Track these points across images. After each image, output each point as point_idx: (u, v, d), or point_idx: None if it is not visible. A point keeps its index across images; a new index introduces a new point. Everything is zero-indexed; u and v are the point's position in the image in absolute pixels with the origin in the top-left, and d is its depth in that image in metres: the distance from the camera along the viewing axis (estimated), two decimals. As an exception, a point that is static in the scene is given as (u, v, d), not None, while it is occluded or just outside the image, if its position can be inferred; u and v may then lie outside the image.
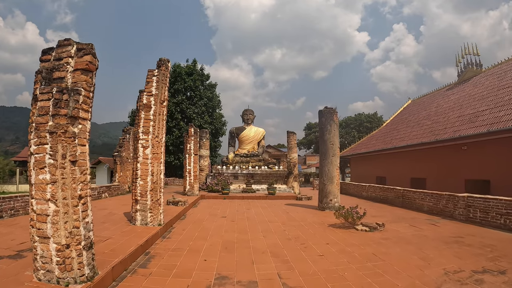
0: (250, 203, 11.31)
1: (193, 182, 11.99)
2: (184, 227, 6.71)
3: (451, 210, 8.43)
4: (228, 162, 16.14)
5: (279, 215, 8.46)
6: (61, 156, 3.04)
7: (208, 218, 7.92)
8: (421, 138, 13.62)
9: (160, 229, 5.74)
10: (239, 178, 15.10)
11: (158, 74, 6.00)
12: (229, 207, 10.01)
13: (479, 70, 16.27)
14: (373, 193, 12.89)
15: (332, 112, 9.54)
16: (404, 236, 6.02)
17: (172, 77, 27.16)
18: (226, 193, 12.92)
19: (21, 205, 7.08)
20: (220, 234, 6.01)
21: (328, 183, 9.29)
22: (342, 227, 6.78)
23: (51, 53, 3.50)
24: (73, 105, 3.12)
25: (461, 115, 12.93)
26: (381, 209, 10.02)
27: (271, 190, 13.04)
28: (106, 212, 7.77)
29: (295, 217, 8.14)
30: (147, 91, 5.92)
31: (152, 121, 5.81)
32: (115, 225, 5.99)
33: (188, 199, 10.62)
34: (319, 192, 9.58)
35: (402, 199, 10.75)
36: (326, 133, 9.40)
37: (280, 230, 6.43)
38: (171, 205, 8.86)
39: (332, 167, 9.33)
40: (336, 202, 9.36)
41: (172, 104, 26.18)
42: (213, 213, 8.69)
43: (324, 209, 9.29)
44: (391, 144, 15.81)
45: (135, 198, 5.82)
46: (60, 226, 3.08)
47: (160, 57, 6.19)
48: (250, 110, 18.08)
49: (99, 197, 10.73)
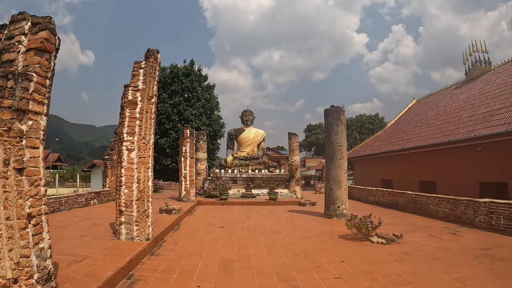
0: (250, 209, 10.54)
1: (189, 187, 11.21)
2: (177, 239, 5.95)
3: (470, 217, 7.73)
4: (227, 165, 15.35)
5: (283, 224, 7.70)
6: (2, 162, 2.28)
7: (204, 228, 7.14)
8: (431, 139, 12.91)
9: (148, 245, 4.97)
10: (238, 182, 14.33)
11: (146, 67, 5.26)
12: (228, 215, 9.25)
13: (488, 68, 15.62)
14: (381, 197, 12.15)
15: (339, 111, 8.82)
16: (426, 249, 5.29)
17: (169, 78, 26.51)
18: (225, 198, 12.15)
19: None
20: (217, 249, 5.24)
21: (336, 188, 8.54)
22: (355, 239, 6.03)
23: (3, 31, 2.76)
24: (20, 95, 2.37)
25: (473, 114, 12.24)
26: (392, 215, 9.28)
27: (272, 195, 12.28)
28: (91, 222, 6.99)
29: (301, 226, 7.38)
30: (132, 86, 5.18)
31: (138, 120, 5.06)
32: (97, 240, 5.22)
33: (184, 205, 9.85)
34: (325, 198, 8.83)
35: (414, 204, 10.03)
36: (333, 134, 8.67)
37: (285, 243, 5.67)
38: (164, 213, 8.08)
39: (340, 171, 8.59)
40: (344, 209, 8.62)
41: (169, 106, 25.52)
42: (210, 222, 7.92)
43: (331, 216, 8.54)
44: (398, 146, 15.09)
45: (119, 208, 5.06)
46: (4, 255, 2.32)
47: (148, 48, 5.46)
48: (249, 111, 17.29)
49: (87, 204, 9.93)
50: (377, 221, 6.20)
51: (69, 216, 7.88)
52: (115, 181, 12.03)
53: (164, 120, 25.30)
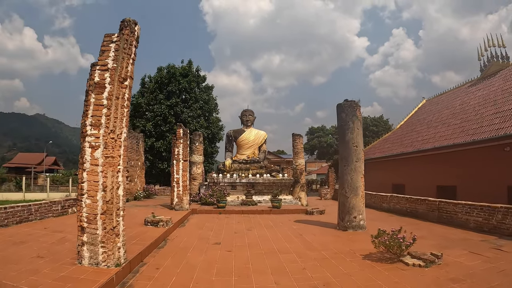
0: (251, 219, 9.28)
1: (182, 193, 9.94)
2: (160, 262, 4.69)
3: (509, 227, 6.57)
4: (225, 169, 14.04)
5: (291, 239, 6.43)
6: None
7: (196, 245, 5.88)
8: (451, 139, 11.70)
9: (117, 273, 3.73)
10: (237, 188, 13.05)
11: (119, 40, 4.06)
12: (225, 226, 7.99)
13: (507, 63, 14.49)
14: (397, 204, 10.91)
15: (354, 106, 7.63)
16: (476, 272, 4.15)
17: (166, 78, 25.42)
18: (222, 206, 10.88)
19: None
20: (209, 278, 4.00)
21: (352, 196, 7.31)
22: (383, 260, 4.81)
23: None
24: None
25: (497, 111, 11.06)
26: (414, 226, 8.06)
27: (276, 202, 11.02)
28: (58, 237, 5.75)
29: (313, 242, 6.12)
30: (100, 64, 3.98)
31: (105, 108, 3.85)
32: (53, 264, 3.99)
33: (175, 215, 8.59)
34: (339, 206, 7.59)
35: (438, 212, 8.82)
36: (348, 132, 7.46)
37: (298, 268, 4.42)
38: (149, 225, 6.82)
39: (356, 175, 7.37)
40: (362, 220, 7.38)
41: (166, 107, 24.44)
42: (204, 236, 6.65)
43: (346, 228, 7.29)
44: (413, 147, 13.86)
45: (81, 224, 3.82)
46: None
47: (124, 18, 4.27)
48: (249, 111, 15.99)
49: (64, 213, 8.65)
50: (410, 237, 5.00)
51: (36, 228, 6.64)
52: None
53: (161, 122, 24.20)
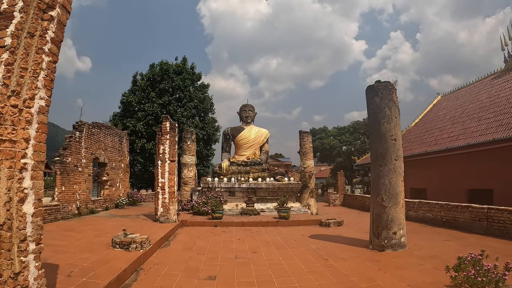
0: (255, 234, 7.42)
1: (168, 202, 8.03)
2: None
3: None
4: (222, 172, 12.14)
5: (317, 269, 4.56)
6: None
7: (180, 280, 4.02)
8: (489, 135, 10.02)
9: None
10: (236, 195, 11.19)
11: None
12: (223, 247, 6.11)
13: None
14: (428, 212, 9.16)
15: (390, 88, 5.89)
16: None
17: (159, 75, 23.60)
18: (219, 216, 9.00)
19: None
20: None
21: (391, 205, 5.52)
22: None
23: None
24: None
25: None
26: (461, 241, 6.36)
27: (284, 212, 9.16)
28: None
29: (347, 272, 4.29)
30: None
31: (7, 51, 2.03)
32: None
33: (158, 230, 6.73)
34: (373, 219, 5.77)
35: (487, 222, 7.12)
36: (384, 121, 5.69)
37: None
38: (117, 248, 4.93)
39: (396, 178, 5.60)
40: (402, 236, 5.59)
41: (158, 106, 22.64)
42: (193, 266, 4.75)
43: (383, 248, 5.48)
44: (439, 145, 12.13)
45: None
46: None
47: None
48: (250, 106, 14.09)
49: None
50: (501, 267, 3.28)
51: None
52: (70, 192, 8.91)
53: (152, 122, 22.37)
